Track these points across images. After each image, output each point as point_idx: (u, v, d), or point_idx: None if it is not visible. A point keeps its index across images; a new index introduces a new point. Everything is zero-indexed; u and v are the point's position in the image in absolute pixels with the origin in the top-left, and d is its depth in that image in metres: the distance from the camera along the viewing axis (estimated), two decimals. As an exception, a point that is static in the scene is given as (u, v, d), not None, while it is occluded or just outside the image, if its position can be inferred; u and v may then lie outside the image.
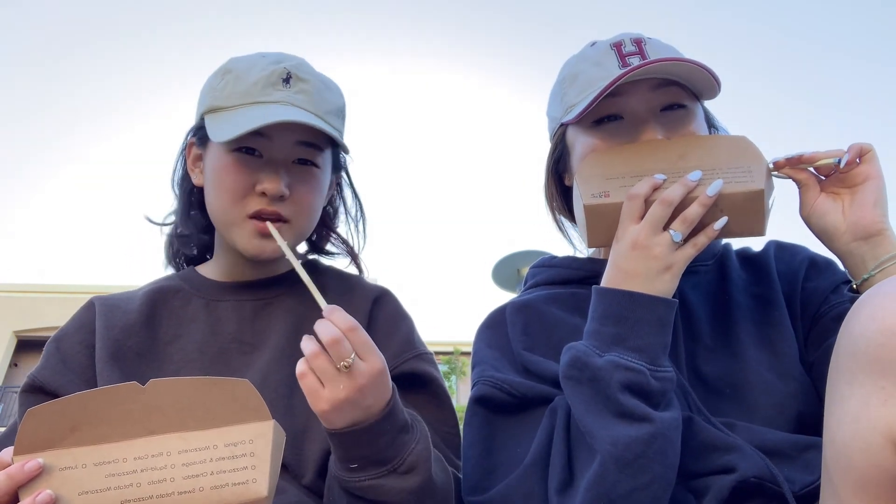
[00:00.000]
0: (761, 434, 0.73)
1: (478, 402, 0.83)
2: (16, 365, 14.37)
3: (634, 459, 0.64)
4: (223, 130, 0.85)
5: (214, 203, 0.91)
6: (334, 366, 0.65)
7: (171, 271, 1.06)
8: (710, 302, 0.88)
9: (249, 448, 0.59)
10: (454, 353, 15.50)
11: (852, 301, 0.82)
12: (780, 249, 0.94)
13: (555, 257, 1.02)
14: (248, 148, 0.88)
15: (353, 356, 0.66)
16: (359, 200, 1.07)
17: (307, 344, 0.67)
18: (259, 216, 0.88)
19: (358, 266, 1.07)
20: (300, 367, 0.67)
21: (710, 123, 0.94)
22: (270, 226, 0.86)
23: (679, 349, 0.82)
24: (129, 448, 0.59)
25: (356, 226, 1.07)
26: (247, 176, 0.88)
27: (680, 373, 0.79)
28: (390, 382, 0.71)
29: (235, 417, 0.60)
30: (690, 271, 0.86)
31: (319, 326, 0.67)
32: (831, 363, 0.61)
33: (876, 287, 0.59)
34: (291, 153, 0.90)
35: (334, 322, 0.67)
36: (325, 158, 0.95)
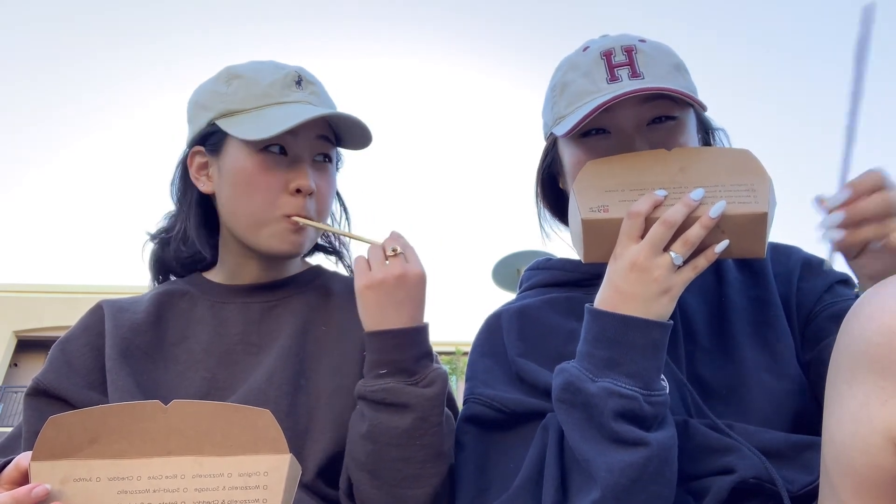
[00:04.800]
0: (759, 434, 0.73)
1: (468, 420, 0.84)
2: (16, 365, 14.36)
3: (632, 484, 0.64)
4: (256, 130, 0.87)
5: (242, 206, 0.91)
6: (384, 254, 0.81)
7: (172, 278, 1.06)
8: (707, 304, 0.87)
9: (263, 480, 0.59)
10: (455, 353, 15.49)
11: (846, 300, 0.83)
12: (775, 251, 0.93)
13: (550, 259, 1.01)
14: (275, 146, 0.90)
15: (401, 251, 0.81)
16: (341, 200, 1.08)
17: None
18: (297, 215, 0.90)
19: (345, 265, 1.09)
20: (358, 255, 0.84)
21: (707, 127, 0.93)
22: (301, 220, 0.90)
23: (679, 351, 0.82)
24: (144, 466, 0.59)
25: (339, 226, 1.08)
26: (278, 175, 0.90)
27: (681, 374, 0.79)
28: (425, 302, 0.82)
29: (253, 447, 0.60)
30: None
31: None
32: (830, 362, 0.61)
33: (876, 287, 0.58)
34: (313, 149, 0.93)
35: (396, 234, 0.85)
36: (336, 155, 0.99)
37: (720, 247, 0.72)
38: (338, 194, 1.08)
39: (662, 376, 0.79)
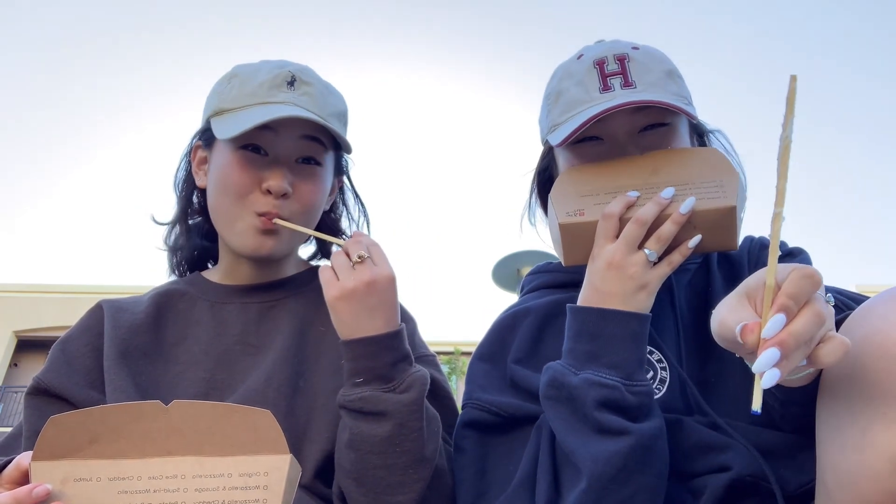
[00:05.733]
0: (756, 433, 0.73)
1: (467, 425, 0.84)
2: (16, 365, 14.36)
3: (617, 473, 0.65)
4: (229, 128, 0.88)
5: (217, 201, 0.92)
6: (349, 260, 0.79)
7: (173, 278, 1.07)
8: (697, 300, 0.88)
9: (263, 481, 0.59)
10: (454, 353, 15.48)
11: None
12: (752, 244, 0.94)
13: (550, 262, 1.03)
14: (254, 146, 0.90)
15: (367, 255, 0.78)
16: (361, 203, 1.09)
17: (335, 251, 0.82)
18: (268, 215, 0.89)
19: None
20: (323, 265, 0.81)
21: (701, 131, 0.95)
22: (279, 221, 0.89)
23: (678, 348, 0.82)
24: (144, 466, 0.59)
25: (359, 229, 1.08)
26: (251, 173, 0.89)
27: (681, 370, 0.80)
28: (398, 304, 0.80)
29: (253, 448, 0.60)
30: (682, 270, 0.88)
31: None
32: (822, 386, 0.60)
33: (862, 310, 0.58)
34: (296, 149, 0.92)
35: (358, 234, 0.82)
36: (328, 158, 0.97)
37: (693, 242, 0.75)
38: (358, 197, 1.08)
39: (661, 366, 0.80)
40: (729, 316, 0.55)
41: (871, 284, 14.58)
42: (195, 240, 1.04)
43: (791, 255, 0.88)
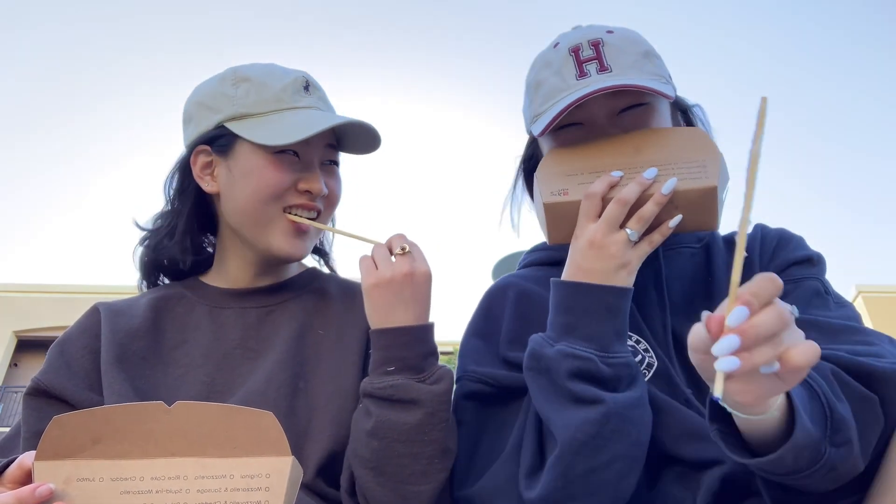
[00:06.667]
0: None
1: (465, 397, 0.86)
2: (16, 365, 14.35)
3: (588, 440, 0.67)
4: (275, 135, 0.88)
5: (245, 203, 0.91)
6: (391, 252, 0.83)
7: (144, 288, 1.04)
8: (695, 287, 0.88)
9: (265, 482, 0.59)
10: (454, 353, 15.49)
11: (810, 278, 0.83)
12: (765, 235, 0.93)
13: (545, 242, 1.03)
14: (290, 150, 0.91)
15: (409, 249, 0.82)
16: None
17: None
18: (301, 207, 0.92)
19: (329, 266, 1.11)
20: (362, 255, 0.84)
21: (683, 107, 0.95)
22: (299, 219, 0.92)
23: (667, 336, 0.83)
24: (147, 467, 0.59)
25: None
26: (289, 175, 0.91)
27: (669, 361, 0.81)
28: (430, 301, 0.83)
29: (255, 449, 0.60)
30: (676, 252, 0.88)
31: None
32: None
33: None
34: (323, 154, 0.96)
35: (400, 234, 0.85)
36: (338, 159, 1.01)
37: (674, 221, 0.76)
38: None
39: (638, 339, 0.81)
40: (697, 325, 0.56)
41: (871, 285, 14.58)
42: (190, 248, 0.99)
43: (809, 261, 0.86)
